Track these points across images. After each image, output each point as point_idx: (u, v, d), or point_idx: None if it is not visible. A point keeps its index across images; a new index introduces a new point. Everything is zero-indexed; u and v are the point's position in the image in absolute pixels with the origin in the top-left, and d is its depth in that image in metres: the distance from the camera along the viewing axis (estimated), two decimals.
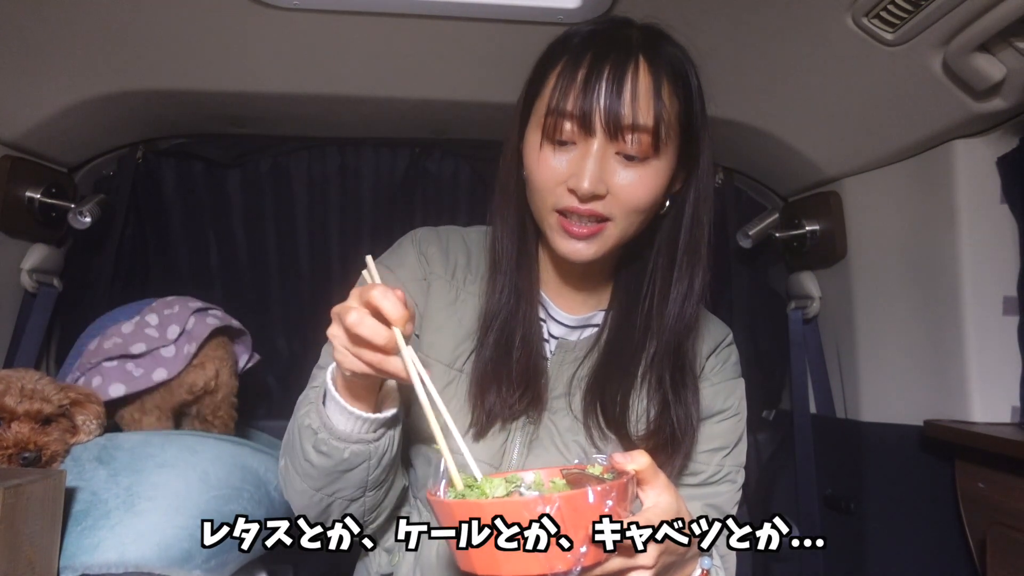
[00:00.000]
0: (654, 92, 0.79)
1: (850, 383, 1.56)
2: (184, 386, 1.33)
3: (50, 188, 1.50)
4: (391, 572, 0.94)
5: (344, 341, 0.70)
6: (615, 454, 0.68)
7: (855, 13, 1.11)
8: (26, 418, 1.10)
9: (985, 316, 1.26)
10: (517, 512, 0.59)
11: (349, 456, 0.78)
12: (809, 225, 1.62)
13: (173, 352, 1.32)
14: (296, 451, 0.81)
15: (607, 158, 0.80)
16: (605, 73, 0.78)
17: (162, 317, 1.35)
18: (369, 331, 0.67)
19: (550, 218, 0.84)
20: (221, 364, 1.38)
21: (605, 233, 0.83)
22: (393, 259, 0.95)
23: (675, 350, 0.89)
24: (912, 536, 1.38)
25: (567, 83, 0.80)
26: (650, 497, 0.68)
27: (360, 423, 0.77)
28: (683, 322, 0.88)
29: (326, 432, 0.77)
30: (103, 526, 1.05)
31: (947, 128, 1.24)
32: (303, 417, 0.80)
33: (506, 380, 0.86)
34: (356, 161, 1.71)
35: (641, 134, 0.79)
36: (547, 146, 0.81)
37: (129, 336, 1.32)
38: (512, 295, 0.89)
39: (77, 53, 1.28)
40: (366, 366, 0.70)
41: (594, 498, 0.60)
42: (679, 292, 0.88)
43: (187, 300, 1.40)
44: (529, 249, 0.91)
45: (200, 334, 1.34)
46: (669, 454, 0.87)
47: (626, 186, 0.80)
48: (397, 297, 0.68)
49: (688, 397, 0.88)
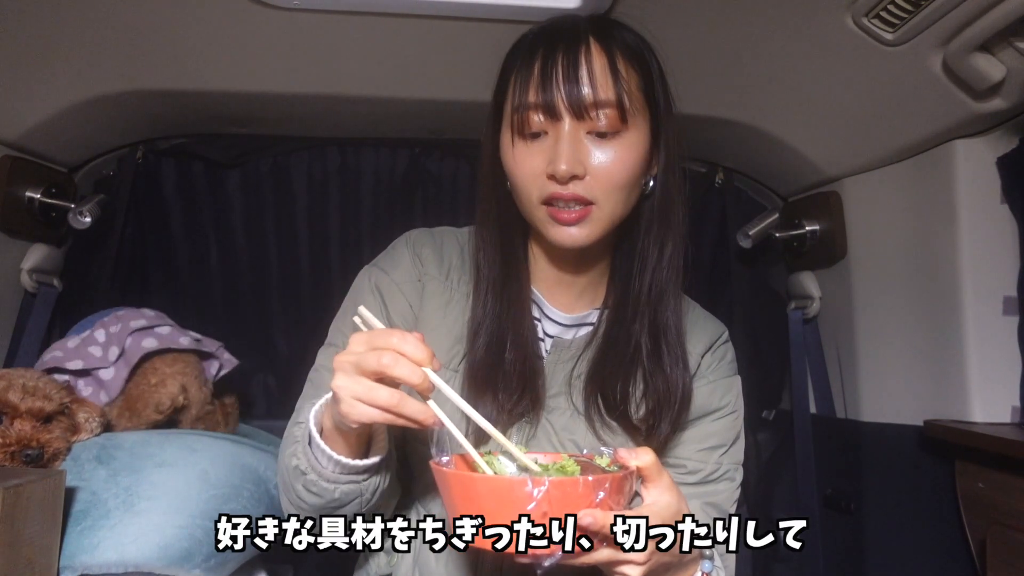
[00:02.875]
0: (610, 67, 0.81)
1: (850, 383, 1.56)
2: (150, 406, 1.27)
3: (50, 188, 1.50)
4: (390, 573, 0.94)
5: (358, 392, 0.66)
6: (621, 448, 0.68)
7: (855, 13, 1.11)
8: (28, 415, 1.11)
9: (985, 316, 1.26)
10: (508, 491, 0.60)
11: (339, 496, 0.77)
12: (809, 225, 1.62)
13: (112, 374, 1.27)
14: (287, 487, 0.80)
15: (579, 139, 0.81)
16: (559, 59, 0.81)
17: (108, 335, 1.30)
18: (407, 372, 0.65)
19: (538, 212, 0.84)
20: (185, 378, 1.32)
21: (592, 216, 0.83)
22: (387, 261, 0.95)
23: (653, 320, 0.89)
24: (912, 536, 1.38)
25: (525, 77, 0.82)
26: (651, 495, 0.68)
27: (346, 467, 0.75)
28: (656, 290, 0.89)
29: (314, 474, 0.76)
30: (103, 526, 1.05)
31: (947, 128, 1.24)
32: (290, 457, 0.78)
33: (503, 384, 0.86)
34: (356, 161, 1.71)
35: (606, 109, 0.81)
36: (519, 142, 0.83)
37: (72, 351, 1.28)
38: (498, 299, 0.89)
39: (77, 53, 1.28)
40: (379, 414, 0.66)
41: (583, 487, 0.61)
42: (651, 260, 0.89)
43: (131, 317, 1.33)
44: (515, 251, 0.92)
45: (132, 357, 1.28)
46: (656, 423, 0.88)
47: (602, 164, 0.81)
48: (417, 339, 0.66)
49: (667, 364, 0.88)
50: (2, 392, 1.10)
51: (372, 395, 0.66)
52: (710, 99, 1.41)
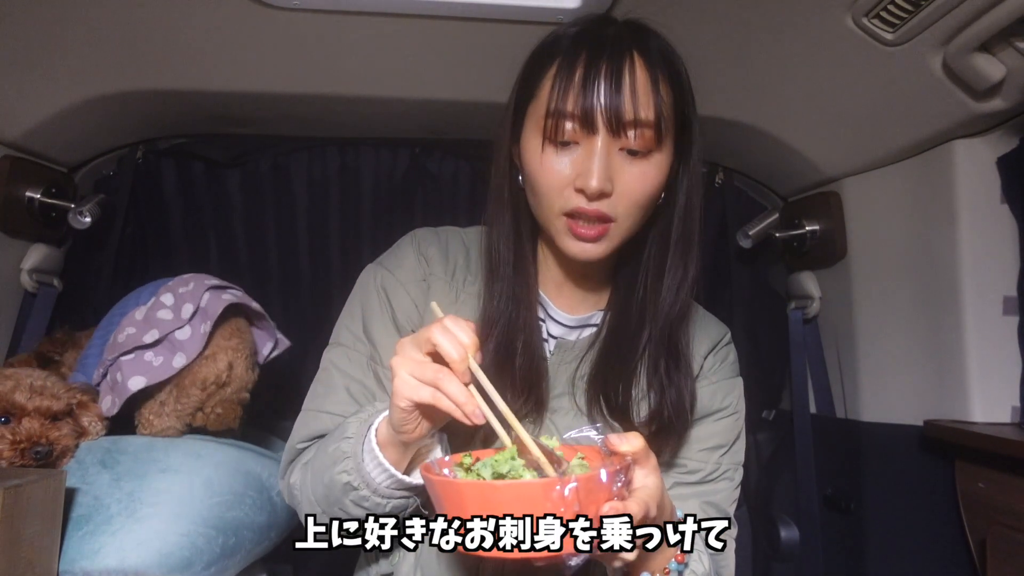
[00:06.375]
0: (652, 86, 0.80)
1: (850, 383, 1.56)
2: (196, 383, 1.25)
3: (50, 188, 1.50)
4: (391, 572, 0.94)
5: (409, 367, 0.70)
6: (610, 435, 0.68)
7: (855, 13, 1.11)
8: (36, 414, 1.11)
9: (985, 316, 1.26)
10: (536, 494, 0.59)
11: (390, 511, 0.79)
12: (809, 225, 1.62)
13: (189, 333, 1.23)
14: (329, 502, 0.81)
15: (611, 155, 0.80)
16: (603, 71, 0.79)
17: (177, 296, 1.27)
18: (449, 344, 0.69)
19: (557, 222, 0.84)
20: (235, 355, 1.29)
21: (611, 233, 0.83)
22: (392, 260, 0.95)
23: (669, 337, 0.89)
24: (912, 536, 1.38)
25: (565, 84, 0.80)
26: (639, 477, 0.69)
27: (399, 482, 0.78)
28: (676, 309, 0.89)
29: (367, 490, 0.78)
30: (105, 531, 1.05)
31: (947, 128, 1.24)
32: (340, 474, 0.78)
33: (509, 386, 0.86)
34: (356, 161, 1.71)
35: (643, 128, 0.79)
36: (549, 148, 0.81)
37: (142, 323, 1.24)
38: (511, 302, 0.88)
39: (77, 53, 1.28)
40: (427, 391, 0.70)
41: (607, 478, 0.61)
42: (673, 280, 0.89)
43: (204, 277, 1.31)
44: (526, 253, 0.91)
45: (214, 311, 1.25)
46: (666, 436, 0.89)
47: (630, 183, 0.81)
48: (469, 326, 0.71)
49: (681, 381, 0.89)
50: (10, 392, 1.11)
51: (421, 369, 0.70)
52: (710, 99, 1.40)
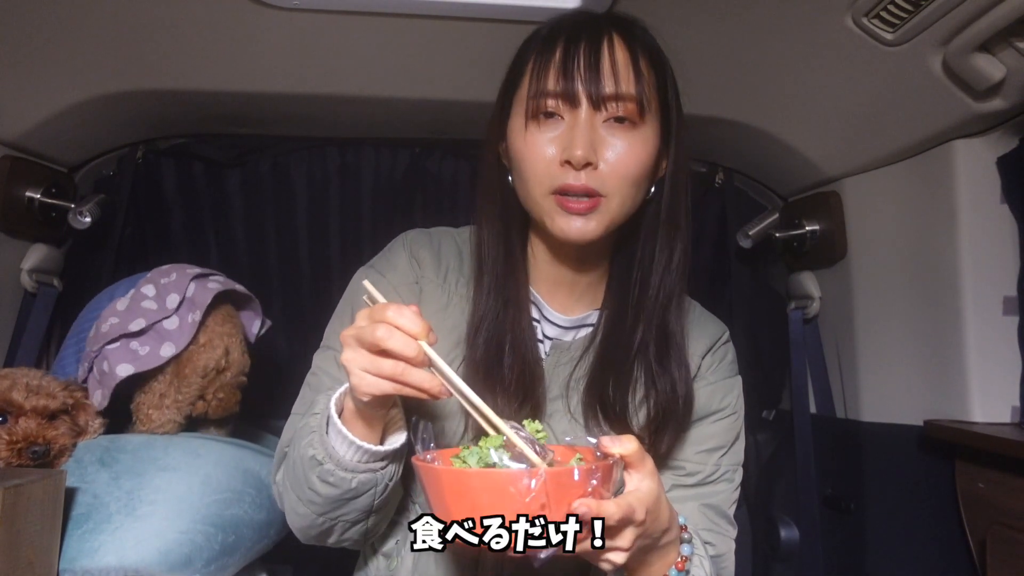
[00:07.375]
0: (632, 63, 0.81)
1: (850, 383, 1.56)
2: (197, 371, 1.24)
3: (50, 188, 1.50)
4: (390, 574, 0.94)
5: (364, 363, 0.68)
6: (603, 437, 0.68)
7: (855, 13, 1.11)
8: (33, 413, 1.11)
9: (985, 316, 1.25)
10: (504, 484, 0.60)
11: (356, 485, 0.77)
12: (809, 225, 1.62)
13: (177, 323, 1.22)
14: (299, 481, 0.80)
15: (595, 127, 0.81)
16: (581, 49, 0.80)
17: (159, 287, 1.25)
18: (400, 344, 0.66)
19: (546, 202, 0.83)
20: (230, 340, 1.28)
21: (601, 208, 0.82)
22: (384, 263, 0.95)
23: (659, 325, 0.89)
24: (912, 536, 1.38)
25: (544, 66, 0.81)
26: (633, 480, 0.69)
27: (366, 454, 0.76)
28: (664, 293, 0.89)
29: (332, 463, 0.76)
30: (104, 530, 1.05)
31: (947, 128, 1.24)
32: (305, 447, 0.78)
33: (501, 389, 0.85)
34: (356, 161, 1.71)
35: (625, 102, 0.81)
36: (532, 126, 0.83)
37: (125, 313, 1.22)
38: (498, 299, 0.88)
39: (77, 53, 1.28)
40: (388, 385, 0.68)
41: (579, 476, 0.61)
42: (660, 264, 0.89)
43: (185, 267, 1.29)
44: (515, 252, 0.91)
45: (203, 301, 1.23)
46: (659, 429, 0.88)
47: (616, 155, 0.81)
48: (413, 312, 0.68)
49: (672, 368, 0.88)
50: (7, 391, 1.11)
51: (376, 366, 0.67)
52: (710, 99, 1.41)
